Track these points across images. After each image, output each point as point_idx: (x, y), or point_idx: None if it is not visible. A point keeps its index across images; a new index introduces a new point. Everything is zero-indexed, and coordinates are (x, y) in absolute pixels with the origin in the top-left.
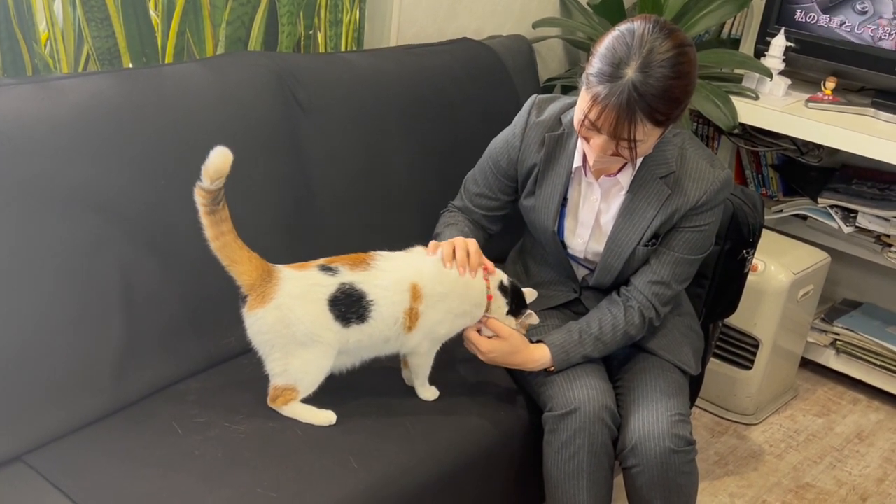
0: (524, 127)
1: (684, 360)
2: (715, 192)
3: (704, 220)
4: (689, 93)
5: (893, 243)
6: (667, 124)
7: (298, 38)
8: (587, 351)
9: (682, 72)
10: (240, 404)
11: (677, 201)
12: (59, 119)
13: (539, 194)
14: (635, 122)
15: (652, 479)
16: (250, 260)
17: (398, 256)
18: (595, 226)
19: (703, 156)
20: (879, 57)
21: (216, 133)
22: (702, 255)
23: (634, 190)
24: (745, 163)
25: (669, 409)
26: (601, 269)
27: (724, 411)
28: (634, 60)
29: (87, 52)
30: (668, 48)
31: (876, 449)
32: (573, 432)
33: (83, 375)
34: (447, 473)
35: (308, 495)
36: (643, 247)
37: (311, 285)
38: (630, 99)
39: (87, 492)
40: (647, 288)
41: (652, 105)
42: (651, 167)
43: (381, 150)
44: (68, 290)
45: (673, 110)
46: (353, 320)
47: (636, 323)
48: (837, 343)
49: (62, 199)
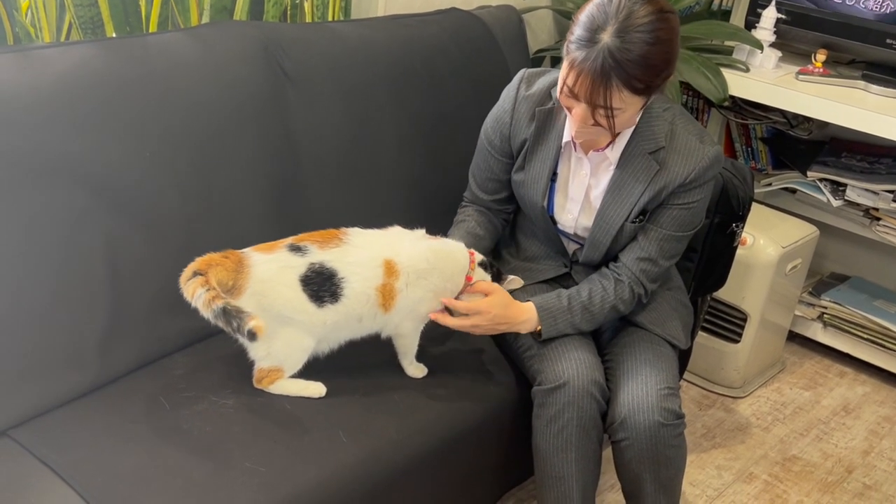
0: (514, 101)
1: (673, 333)
2: (704, 169)
3: (693, 198)
4: (670, 61)
5: (882, 217)
6: (647, 93)
7: (285, 8)
8: (575, 319)
9: (660, 38)
10: (228, 379)
11: (665, 178)
12: (40, 89)
13: (528, 169)
14: (611, 88)
15: (641, 453)
16: (225, 267)
17: (371, 233)
18: (585, 201)
19: (693, 131)
20: (870, 29)
21: (201, 104)
22: (690, 231)
23: (623, 165)
24: (735, 136)
25: (658, 382)
26: (589, 245)
27: (712, 384)
28: (611, 25)
29: (69, 21)
30: (646, 13)
31: (862, 422)
32: (562, 406)
33: (68, 350)
34: (437, 448)
35: (297, 470)
36: (630, 223)
37: (281, 267)
38: (605, 64)
39: (74, 466)
40: (635, 264)
41: (628, 71)
42: (640, 142)
43: (368, 121)
44: (52, 264)
45: (652, 78)
46: (327, 299)
47: (625, 298)
48: (825, 316)
49: (44, 171)
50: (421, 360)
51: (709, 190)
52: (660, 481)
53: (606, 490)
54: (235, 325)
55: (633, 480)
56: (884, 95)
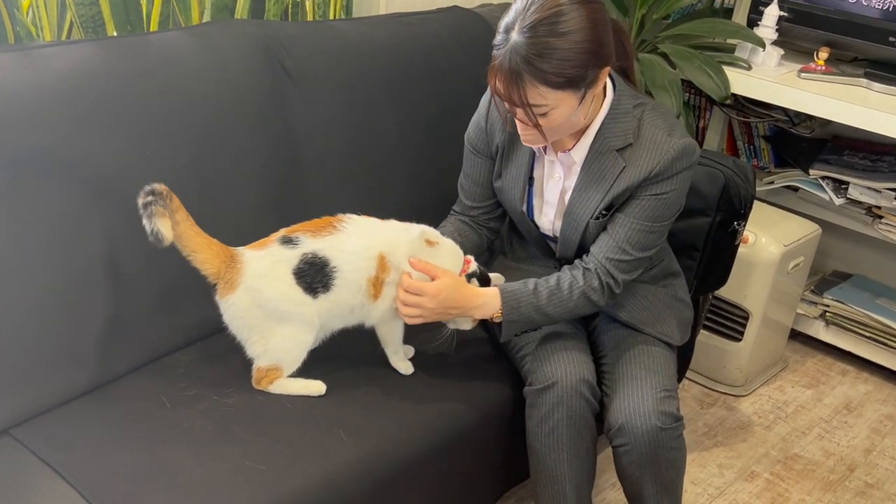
0: (488, 106)
1: (668, 332)
2: (669, 161)
3: (663, 189)
4: (588, 50)
5: (884, 215)
6: (574, 86)
7: (286, 6)
8: (541, 303)
9: (566, 28)
10: (229, 377)
11: (631, 174)
12: (41, 88)
13: (505, 175)
14: (524, 85)
15: (641, 457)
16: (210, 247)
17: (369, 222)
18: (560, 203)
19: (662, 125)
20: (873, 27)
21: (202, 103)
22: (661, 223)
23: (588, 164)
24: (737, 134)
25: (655, 386)
26: (561, 244)
27: (714, 383)
28: (518, 23)
29: (70, 20)
30: (550, 6)
31: (864, 420)
32: (552, 406)
33: (70, 348)
34: (438, 446)
35: (298, 468)
36: (594, 220)
37: (274, 262)
38: (512, 62)
39: (74, 465)
40: (601, 252)
41: (537, 66)
42: (607, 139)
43: (369, 119)
44: (53, 263)
45: (569, 70)
46: (320, 289)
47: (594, 286)
48: (827, 315)
49: (45, 169)
50: (421, 358)
51: (681, 182)
52: (661, 483)
53: (608, 488)
54: (150, 228)
55: (634, 483)
56: (886, 93)
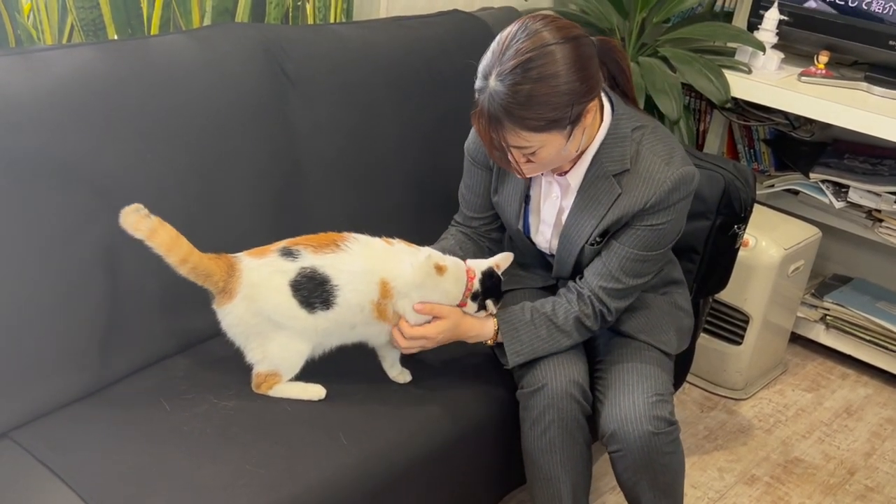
0: None
1: (664, 340)
2: (666, 192)
3: (658, 220)
4: (569, 90)
5: (884, 218)
6: (558, 126)
7: (286, 10)
8: (540, 332)
9: (543, 74)
10: (228, 380)
11: (626, 203)
12: (42, 92)
13: (502, 192)
14: (503, 131)
15: (636, 463)
16: (218, 265)
17: (374, 244)
18: (556, 223)
19: (660, 152)
20: (873, 31)
21: (203, 106)
22: (656, 251)
23: (585, 188)
24: (737, 137)
25: (647, 391)
26: (557, 263)
27: (714, 386)
28: (496, 68)
29: (70, 23)
30: (525, 50)
31: (864, 423)
32: (542, 409)
33: (69, 351)
34: (437, 448)
35: (297, 471)
36: (590, 246)
37: (271, 272)
38: (492, 109)
39: (74, 468)
40: (594, 280)
41: (515, 113)
42: (605, 164)
43: (369, 123)
44: (54, 266)
45: (549, 112)
46: (318, 306)
47: (588, 313)
48: (827, 318)
49: (45, 173)
50: (422, 361)
51: (679, 211)
52: (659, 487)
53: (608, 492)
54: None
55: (632, 488)
56: (886, 97)
